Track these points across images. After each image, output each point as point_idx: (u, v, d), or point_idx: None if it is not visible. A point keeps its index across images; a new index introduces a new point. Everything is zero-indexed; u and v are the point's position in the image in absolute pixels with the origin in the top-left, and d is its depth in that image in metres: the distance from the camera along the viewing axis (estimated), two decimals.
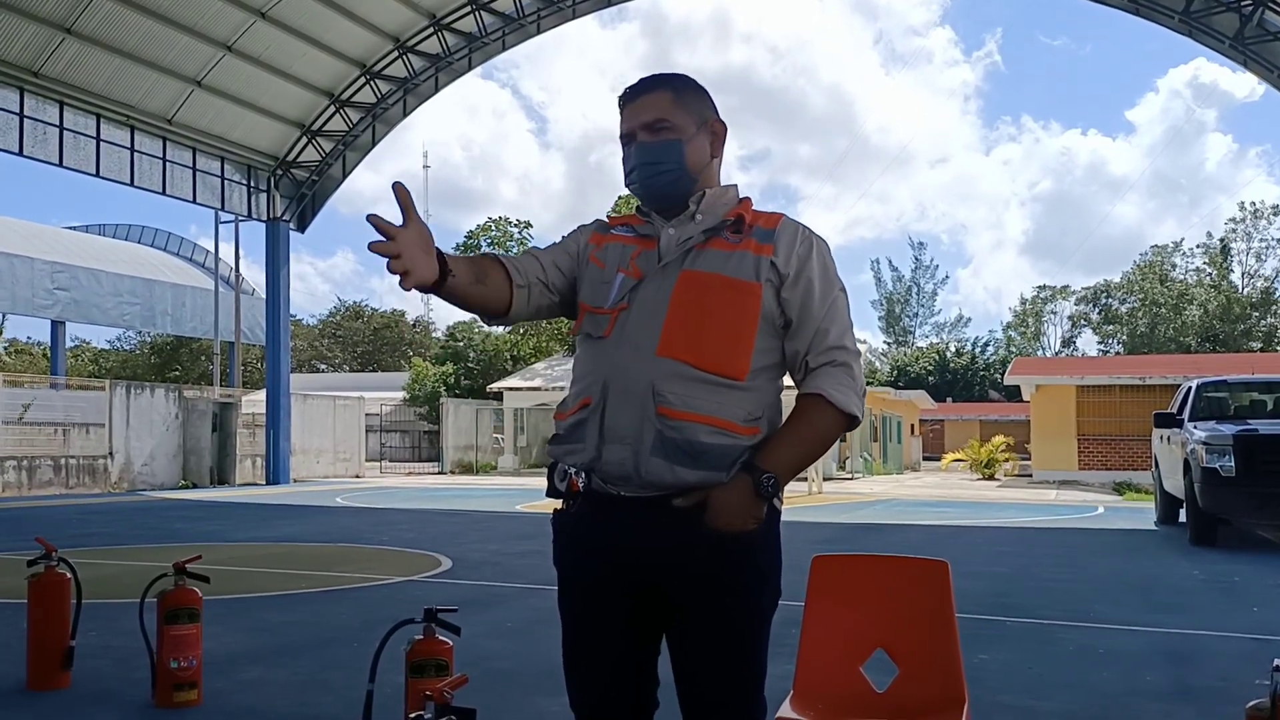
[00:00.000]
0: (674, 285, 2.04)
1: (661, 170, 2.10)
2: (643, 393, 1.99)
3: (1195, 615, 6.75)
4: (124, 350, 56.60)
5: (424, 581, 8.09)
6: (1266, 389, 12.82)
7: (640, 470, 1.98)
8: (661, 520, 1.99)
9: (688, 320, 2.01)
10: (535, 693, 4.57)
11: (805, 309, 2.06)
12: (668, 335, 2.01)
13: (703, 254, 2.07)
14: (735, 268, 2.04)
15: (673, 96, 2.13)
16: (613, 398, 2.01)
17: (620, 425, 2.00)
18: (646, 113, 2.11)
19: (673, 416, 1.97)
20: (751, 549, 2.01)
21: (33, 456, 20.68)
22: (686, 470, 1.97)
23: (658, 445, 1.97)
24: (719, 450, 1.98)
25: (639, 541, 2.02)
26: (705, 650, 2.04)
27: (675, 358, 2.00)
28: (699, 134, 2.14)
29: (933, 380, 57.87)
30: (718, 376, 2.00)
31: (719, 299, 2.03)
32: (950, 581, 2.67)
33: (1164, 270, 59.66)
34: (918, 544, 11.28)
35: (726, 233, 2.08)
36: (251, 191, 24.50)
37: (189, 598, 4.30)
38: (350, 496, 19.94)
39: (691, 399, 1.98)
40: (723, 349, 2.01)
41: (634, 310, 2.05)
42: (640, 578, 2.04)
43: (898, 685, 2.63)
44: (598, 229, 2.24)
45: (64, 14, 18.54)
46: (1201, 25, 19.23)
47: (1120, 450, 24.80)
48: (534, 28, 23.33)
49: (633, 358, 2.01)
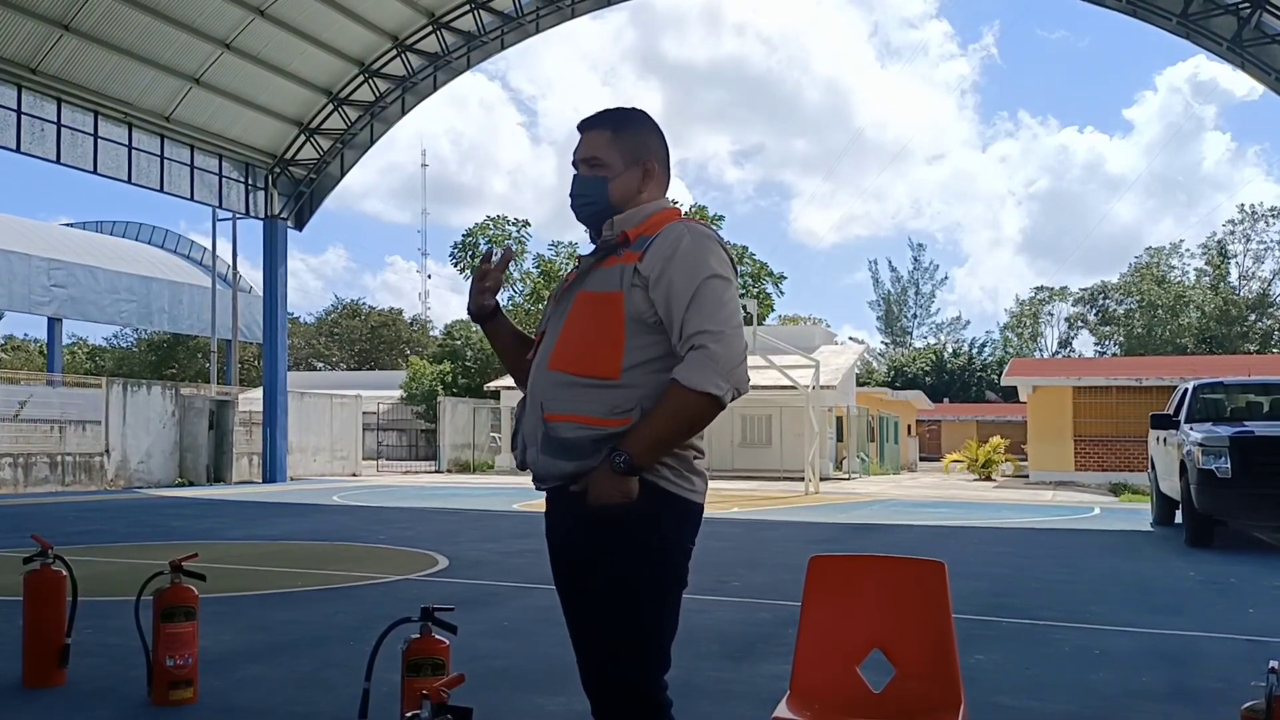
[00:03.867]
0: (570, 307, 2.35)
1: (586, 202, 2.42)
2: (535, 402, 2.34)
3: (1191, 616, 6.76)
4: (121, 347, 56.56)
5: (421, 580, 8.09)
6: (1263, 391, 12.84)
7: (536, 466, 2.34)
8: (565, 507, 2.33)
9: (570, 335, 2.33)
10: (532, 691, 4.57)
11: (669, 305, 2.24)
12: (557, 351, 2.33)
13: (594, 274, 2.34)
14: (606, 281, 2.30)
15: (611, 135, 2.41)
16: (525, 408, 2.40)
17: (527, 430, 2.37)
18: (584, 148, 2.42)
19: (549, 419, 2.29)
20: (623, 522, 2.22)
21: (29, 454, 20.65)
22: (562, 462, 2.28)
23: (545, 443, 2.30)
24: (577, 442, 2.25)
25: (558, 528, 2.38)
26: (585, 623, 2.31)
27: (558, 369, 2.31)
28: (627, 171, 2.40)
29: (930, 381, 57.94)
30: (590, 379, 2.27)
31: (590, 312, 2.31)
32: (947, 582, 2.67)
33: (1161, 272, 59.72)
34: (914, 544, 11.29)
35: (619, 249, 2.32)
36: (249, 189, 24.48)
37: (185, 595, 4.29)
38: (347, 495, 19.93)
39: (561, 401, 2.28)
40: (591, 354, 2.28)
41: (547, 333, 2.40)
42: (569, 565, 2.35)
43: (894, 686, 2.63)
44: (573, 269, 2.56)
45: (62, 10, 18.51)
46: (1199, 27, 19.25)
47: (1117, 451, 24.84)
48: (533, 26, 23.32)
49: (536, 374, 2.37)
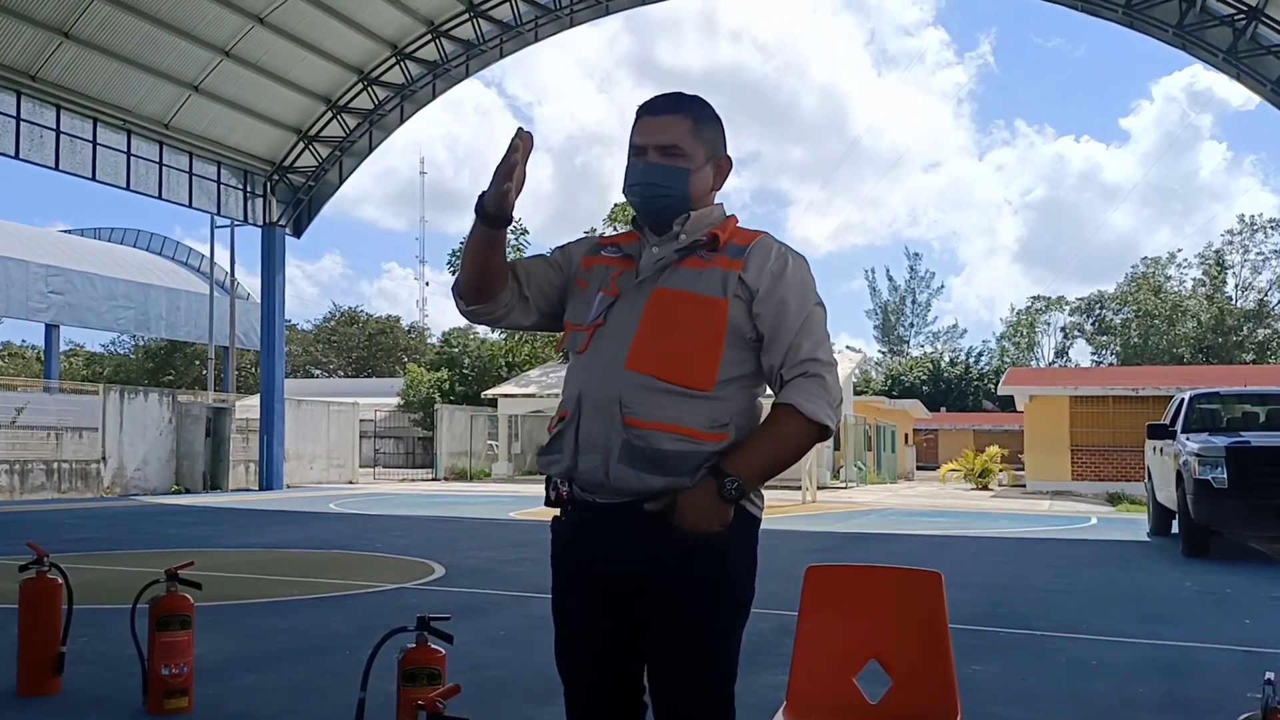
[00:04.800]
0: (646, 302, 2.14)
1: (664, 193, 2.17)
2: (611, 404, 2.09)
3: (1188, 627, 6.76)
4: (118, 354, 56.45)
5: (417, 589, 8.07)
6: (1259, 401, 12.86)
7: (610, 477, 2.07)
8: (634, 526, 2.07)
9: (656, 335, 2.11)
10: (528, 701, 4.56)
11: (778, 325, 2.12)
12: (636, 349, 2.10)
13: (676, 272, 2.15)
14: (704, 284, 2.12)
15: (692, 125, 2.19)
16: (586, 409, 2.12)
17: (592, 435, 2.10)
18: (664, 134, 2.17)
19: (637, 425, 2.06)
20: (717, 552, 2.07)
21: (25, 460, 20.61)
22: (652, 476, 2.05)
23: (625, 453, 2.06)
24: (680, 456, 2.06)
25: (615, 548, 2.11)
26: (671, 656, 2.10)
27: (642, 371, 2.09)
28: (706, 166, 2.21)
29: (927, 390, 57.97)
30: (682, 388, 2.08)
31: (686, 314, 2.11)
32: (943, 592, 2.67)
33: (1157, 282, 59.83)
34: (911, 554, 11.28)
35: (701, 251, 2.16)
36: (248, 196, 24.48)
37: (181, 604, 4.29)
38: (344, 503, 19.89)
39: (655, 408, 2.07)
40: (687, 361, 2.09)
41: (608, 326, 2.15)
42: (617, 584, 2.14)
43: (891, 696, 2.63)
44: (589, 251, 2.32)
45: (62, 17, 18.53)
46: (1195, 38, 19.32)
47: (1113, 461, 24.86)
48: (531, 35, 23.37)
49: (604, 371, 2.12)
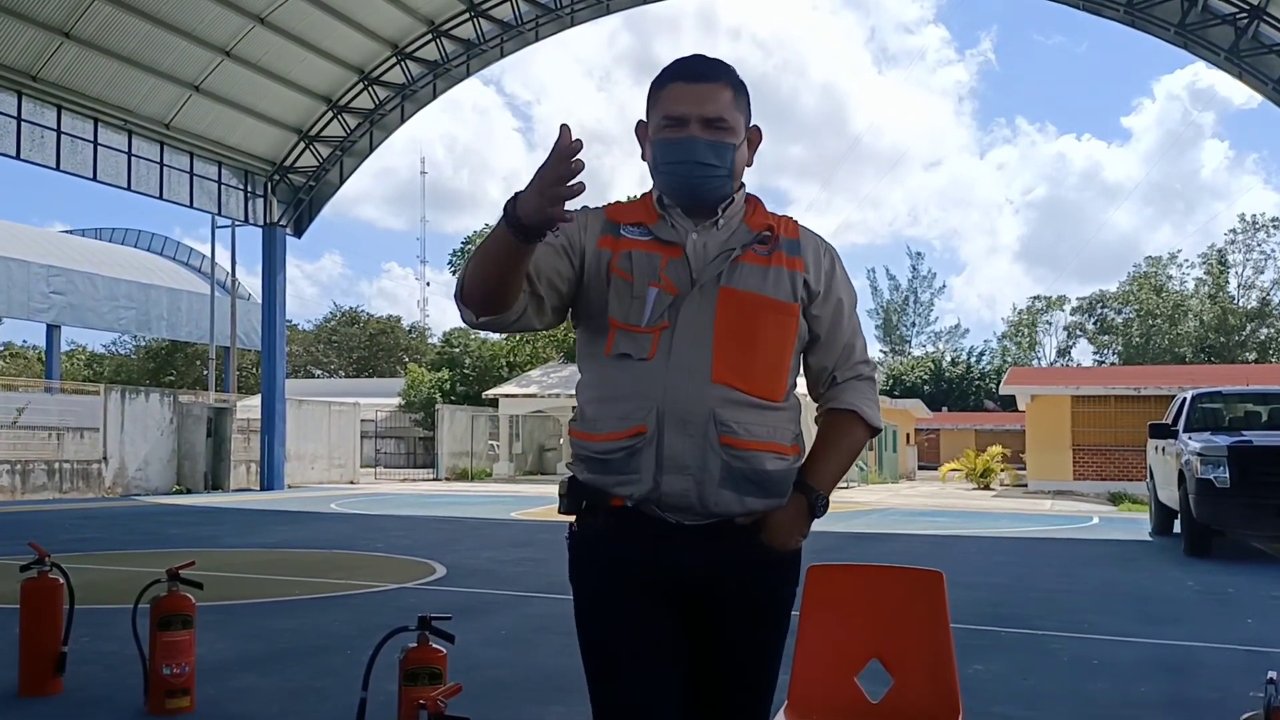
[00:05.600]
0: (715, 304, 1.94)
1: (715, 173, 1.96)
2: (704, 422, 1.90)
3: (1190, 626, 6.75)
4: (119, 354, 56.49)
5: (418, 589, 8.07)
6: (1261, 400, 12.85)
7: (708, 503, 1.92)
8: (718, 543, 1.96)
9: (738, 344, 1.93)
10: (530, 701, 4.56)
11: (835, 325, 2.05)
12: (721, 360, 1.92)
13: (738, 269, 1.96)
14: (774, 287, 1.97)
15: (733, 95, 1.99)
16: (670, 426, 1.90)
17: (681, 456, 1.91)
18: (709, 105, 1.95)
19: (738, 446, 1.92)
20: (793, 566, 2.08)
21: (26, 461, 20.61)
22: (755, 500, 1.95)
23: (725, 476, 1.92)
24: (781, 476, 1.98)
25: (689, 561, 1.97)
26: (743, 661, 2.05)
27: (728, 384, 1.92)
28: (743, 140, 2.03)
29: (928, 389, 57.92)
30: (765, 401, 1.95)
31: (765, 322, 1.96)
32: (945, 591, 2.67)
33: (1159, 281, 59.80)
34: (913, 554, 11.27)
35: (755, 245, 1.99)
36: (248, 196, 24.49)
37: (182, 604, 4.29)
38: (345, 503, 19.89)
39: (751, 426, 1.93)
40: (769, 373, 1.97)
41: (678, 331, 1.92)
42: (681, 594, 2.00)
43: (892, 696, 2.63)
44: (605, 229, 2.02)
45: (62, 18, 18.54)
46: (1197, 37, 19.32)
47: (1115, 461, 24.84)
48: (532, 35, 23.37)
49: (686, 383, 1.91)
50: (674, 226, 2.00)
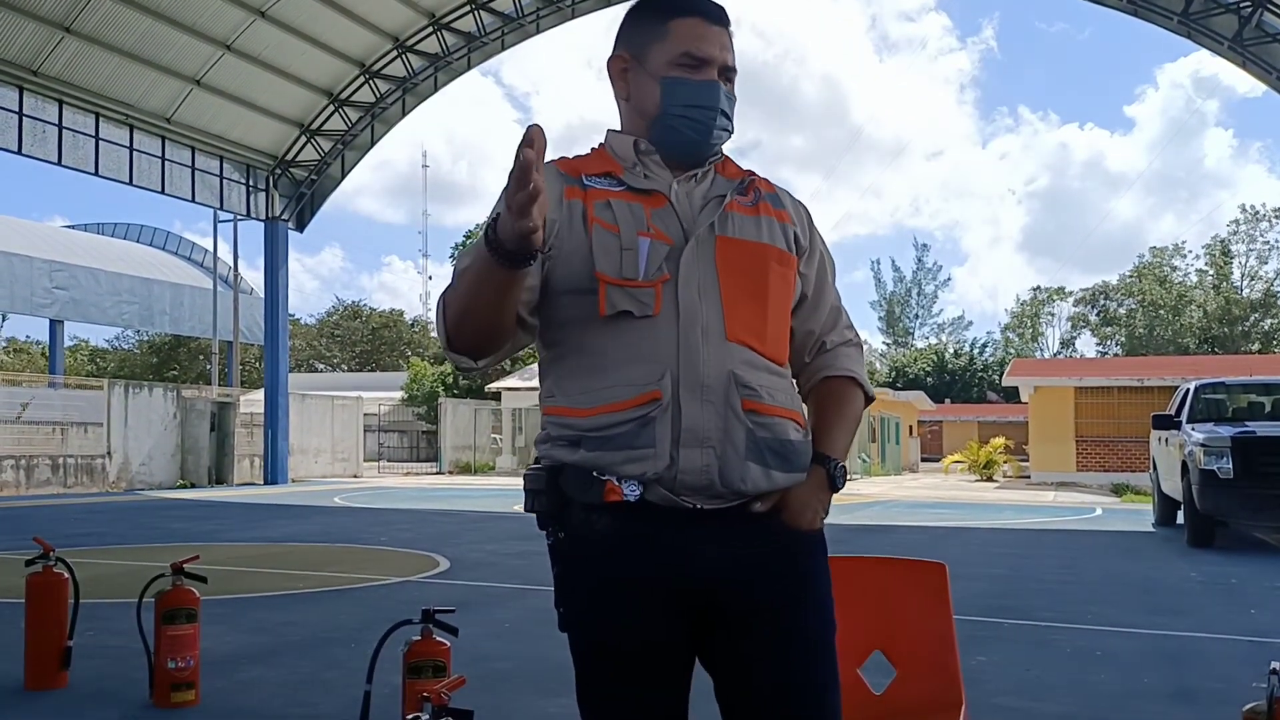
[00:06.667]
0: (714, 255, 1.71)
1: (728, 127, 1.79)
2: (724, 386, 1.65)
3: (1193, 617, 6.75)
4: (122, 349, 56.56)
5: (421, 582, 8.09)
6: (1264, 391, 12.84)
7: (732, 479, 1.65)
8: (739, 531, 1.69)
9: (748, 299, 1.71)
10: (533, 693, 4.57)
11: (821, 286, 1.87)
12: (732, 316, 1.69)
13: (730, 217, 1.76)
14: (770, 236, 1.78)
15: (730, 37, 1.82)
16: (685, 391, 1.64)
17: (701, 425, 1.64)
18: (729, 54, 1.79)
19: (763, 412, 1.68)
20: (823, 547, 1.81)
21: (31, 456, 20.67)
22: (780, 474, 1.70)
23: (751, 448, 1.66)
24: (804, 447, 1.75)
25: (711, 555, 1.68)
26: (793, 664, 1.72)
27: (744, 343, 1.69)
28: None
29: (931, 381, 57.90)
30: (777, 365, 1.75)
31: (772, 274, 1.75)
32: (948, 583, 2.67)
33: (1163, 272, 59.71)
34: (915, 545, 11.28)
35: (736, 195, 1.79)
36: (250, 191, 24.49)
37: (187, 598, 4.30)
38: (348, 496, 19.93)
39: (773, 391, 1.70)
40: (778, 332, 1.76)
41: (681, 284, 1.68)
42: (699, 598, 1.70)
43: (895, 687, 2.63)
44: (566, 181, 1.76)
45: (63, 13, 18.52)
46: (1200, 26, 19.24)
47: (1118, 452, 24.83)
48: (533, 27, 23.33)
49: (700, 342, 1.66)
50: (648, 176, 1.77)
